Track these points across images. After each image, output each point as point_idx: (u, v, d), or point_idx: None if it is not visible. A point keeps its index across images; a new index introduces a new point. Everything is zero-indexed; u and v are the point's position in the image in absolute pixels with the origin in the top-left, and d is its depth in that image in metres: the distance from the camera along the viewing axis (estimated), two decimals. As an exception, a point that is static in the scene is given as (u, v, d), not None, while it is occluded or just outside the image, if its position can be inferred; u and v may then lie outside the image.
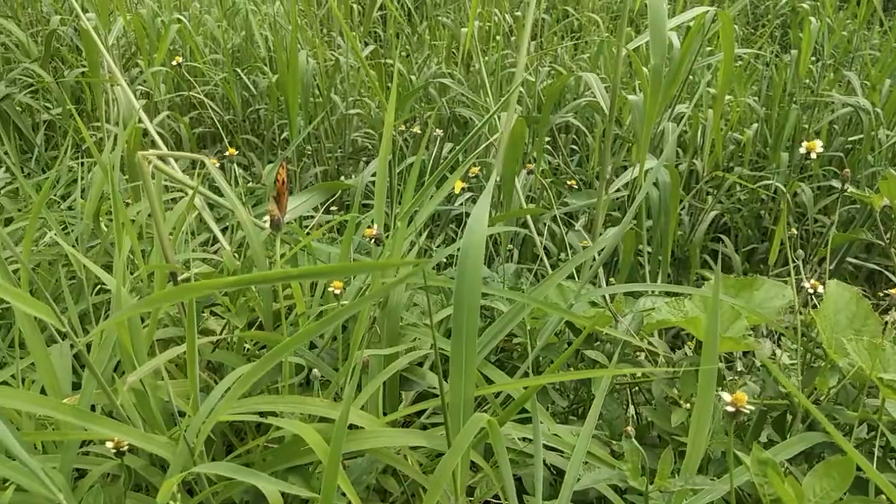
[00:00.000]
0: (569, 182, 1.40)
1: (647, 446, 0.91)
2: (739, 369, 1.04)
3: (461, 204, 1.64)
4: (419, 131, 1.62)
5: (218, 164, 1.20)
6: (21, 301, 0.54)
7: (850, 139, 2.22)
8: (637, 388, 1.03)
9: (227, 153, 1.09)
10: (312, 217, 1.40)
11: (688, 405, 0.89)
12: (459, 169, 1.03)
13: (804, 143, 0.94)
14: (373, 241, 0.83)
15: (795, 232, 1.79)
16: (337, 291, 0.74)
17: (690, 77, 2.01)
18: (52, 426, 0.70)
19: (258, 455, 0.71)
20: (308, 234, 1.04)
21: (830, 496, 0.58)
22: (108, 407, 0.71)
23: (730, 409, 0.56)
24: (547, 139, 2.07)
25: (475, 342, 0.65)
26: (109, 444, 0.59)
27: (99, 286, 1.09)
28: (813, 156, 0.92)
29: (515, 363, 1.03)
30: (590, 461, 0.77)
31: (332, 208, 1.55)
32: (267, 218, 0.73)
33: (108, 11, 1.57)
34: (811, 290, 0.89)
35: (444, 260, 1.40)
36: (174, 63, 1.52)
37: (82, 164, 1.47)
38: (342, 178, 1.89)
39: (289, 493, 0.66)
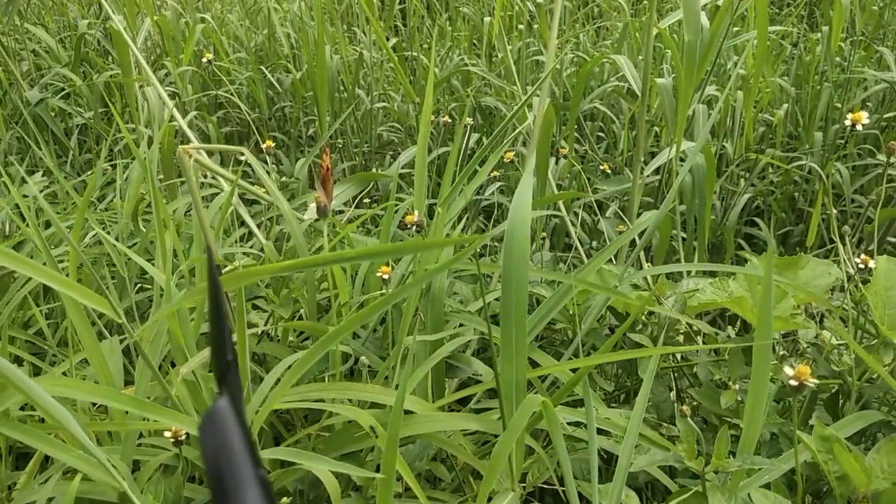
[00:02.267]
0: (602, 166, 1.38)
1: (695, 429, 0.89)
2: (781, 353, 1.02)
3: (491, 194, 1.63)
4: (449, 119, 1.62)
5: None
6: (77, 292, 0.54)
7: (884, 116, 2.17)
8: (680, 371, 1.02)
9: (263, 146, 1.10)
10: (343, 212, 1.40)
11: (736, 386, 0.88)
12: (494, 155, 1.02)
13: (849, 115, 0.92)
14: (413, 228, 0.82)
15: (835, 211, 1.75)
16: (385, 276, 0.74)
17: (717, 60, 1.97)
18: (105, 419, 0.71)
19: (309, 444, 0.71)
20: (342, 227, 1.04)
21: (900, 472, 0.57)
22: (161, 399, 0.71)
23: (793, 383, 0.55)
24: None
25: (525, 322, 0.64)
26: (168, 434, 0.60)
27: (140, 285, 1.09)
28: (859, 127, 0.90)
29: (558, 349, 1.02)
30: (641, 443, 0.76)
31: (364, 201, 1.55)
32: (312, 205, 0.73)
33: (135, 13, 1.59)
34: (862, 266, 0.87)
35: (478, 251, 1.39)
36: (204, 60, 1.53)
37: (113, 166, 1.49)
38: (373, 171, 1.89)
39: (342, 480, 0.66)
